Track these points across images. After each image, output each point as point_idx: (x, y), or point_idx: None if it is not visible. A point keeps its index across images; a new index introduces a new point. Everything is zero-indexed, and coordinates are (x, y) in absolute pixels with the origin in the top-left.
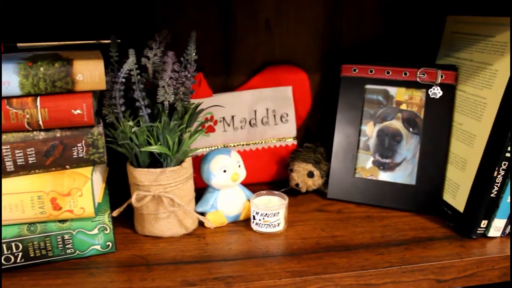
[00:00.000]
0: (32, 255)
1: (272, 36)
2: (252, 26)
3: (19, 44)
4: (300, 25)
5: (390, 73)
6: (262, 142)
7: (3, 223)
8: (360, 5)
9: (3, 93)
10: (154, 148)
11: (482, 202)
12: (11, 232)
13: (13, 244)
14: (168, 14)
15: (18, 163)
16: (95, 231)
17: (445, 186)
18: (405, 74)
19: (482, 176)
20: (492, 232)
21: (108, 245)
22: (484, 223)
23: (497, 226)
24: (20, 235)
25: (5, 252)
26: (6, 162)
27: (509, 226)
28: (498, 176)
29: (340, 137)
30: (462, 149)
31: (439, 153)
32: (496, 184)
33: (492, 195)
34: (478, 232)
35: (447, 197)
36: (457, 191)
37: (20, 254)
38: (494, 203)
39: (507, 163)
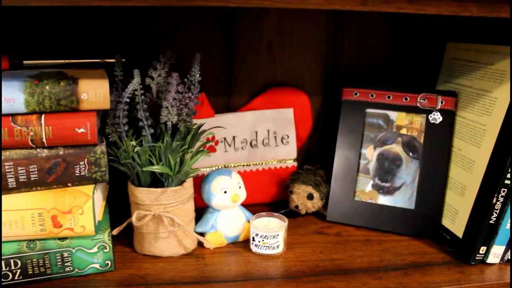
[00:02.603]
0: (30, 272)
1: (274, 58)
2: (254, 47)
3: (25, 62)
4: (302, 48)
5: (391, 97)
6: (262, 163)
7: (3, 239)
8: (361, 30)
9: (8, 111)
10: (156, 168)
11: (481, 228)
12: (10, 249)
13: (11, 261)
14: (171, 35)
15: (20, 180)
16: (95, 249)
17: (444, 211)
18: (406, 99)
19: (481, 202)
20: (491, 259)
21: (107, 263)
22: (483, 249)
23: (496, 253)
24: (19, 252)
25: (4, 268)
26: (9, 179)
27: (509, 253)
28: (497, 202)
29: (340, 160)
30: (461, 175)
31: (438, 178)
32: (495, 210)
33: (491, 221)
34: (477, 258)
35: (446, 222)
36: (456, 217)
37: (19, 271)
38: (493, 229)
39: (506, 190)
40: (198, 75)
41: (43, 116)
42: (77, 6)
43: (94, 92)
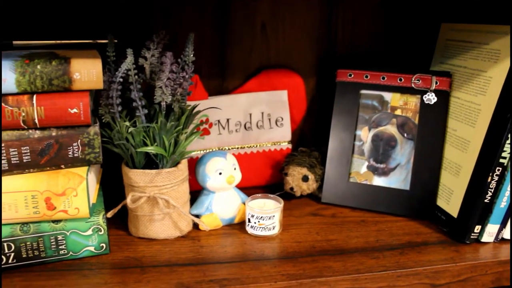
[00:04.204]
0: (24, 256)
1: (268, 40)
2: (248, 29)
3: (15, 42)
4: (296, 30)
5: (385, 78)
6: (257, 146)
7: None
8: (355, 11)
9: None
10: (151, 149)
11: (476, 207)
12: (3, 232)
13: (5, 244)
14: (165, 16)
15: (13, 162)
16: (89, 232)
17: (439, 191)
18: (400, 80)
19: (476, 182)
20: (486, 238)
21: (102, 246)
22: (477, 228)
23: (490, 232)
24: (12, 235)
25: None
26: None
27: (503, 231)
28: (492, 181)
29: (335, 142)
30: (456, 155)
31: (433, 158)
32: (489, 189)
33: (485, 200)
34: (471, 237)
35: (441, 202)
36: (451, 197)
37: (13, 254)
38: (487, 208)
39: (500, 168)
40: (192, 55)
41: (34, 96)
42: None
43: (87, 71)
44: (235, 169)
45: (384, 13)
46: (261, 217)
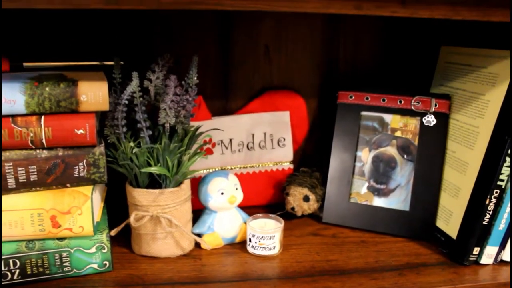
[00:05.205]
0: (29, 272)
1: (271, 61)
2: (251, 51)
3: (25, 64)
4: (298, 51)
5: (386, 100)
6: (259, 166)
7: (2, 239)
8: (357, 34)
9: (9, 112)
10: (154, 169)
11: (474, 229)
12: (9, 249)
13: (11, 260)
14: (169, 38)
15: (20, 180)
16: (93, 249)
17: (438, 212)
18: (400, 102)
19: (474, 204)
20: (484, 259)
21: (105, 264)
22: (476, 250)
23: (489, 253)
24: (18, 251)
25: (3, 268)
26: (8, 179)
27: (502, 253)
28: (490, 203)
29: (336, 162)
30: (455, 177)
31: (432, 180)
32: (488, 211)
33: (484, 222)
34: (470, 259)
35: (440, 223)
36: (450, 218)
37: (18, 271)
38: (486, 230)
39: (498, 191)
40: (195, 78)
41: (43, 117)
42: (78, 9)
43: (93, 93)
44: (236, 189)
45: (385, 36)
46: (262, 237)
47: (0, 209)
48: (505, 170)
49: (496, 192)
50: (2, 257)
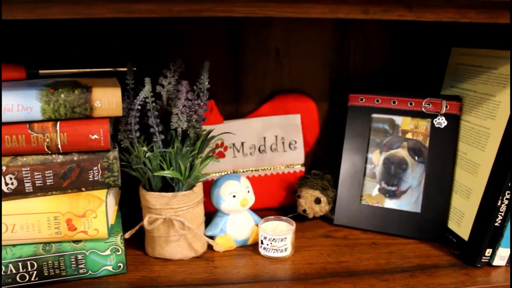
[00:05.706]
0: (46, 274)
1: (281, 65)
2: (262, 55)
3: (41, 71)
4: (308, 55)
5: (396, 102)
6: (270, 168)
7: (20, 242)
8: (366, 37)
9: (26, 118)
10: (167, 173)
11: (487, 231)
12: (27, 251)
13: (28, 262)
14: (180, 44)
15: (37, 185)
16: (108, 252)
17: (450, 214)
18: (411, 104)
19: (486, 205)
20: (497, 261)
21: (120, 266)
22: (488, 251)
23: (502, 255)
24: (35, 254)
25: (21, 270)
26: (26, 183)
27: None
28: (502, 205)
29: (347, 165)
30: (466, 178)
31: (444, 181)
32: (500, 213)
33: (496, 224)
34: (482, 260)
35: (452, 225)
36: (461, 220)
37: (35, 272)
38: (498, 232)
39: (510, 192)
40: (207, 83)
41: (58, 123)
42: (91, 18)
43: (107, 99)
44: (248, 192)
45: (395, 38)
46: (274, 239)
47: (0, 213)
48: None
49: (508, 194)
50: (21, 259)
